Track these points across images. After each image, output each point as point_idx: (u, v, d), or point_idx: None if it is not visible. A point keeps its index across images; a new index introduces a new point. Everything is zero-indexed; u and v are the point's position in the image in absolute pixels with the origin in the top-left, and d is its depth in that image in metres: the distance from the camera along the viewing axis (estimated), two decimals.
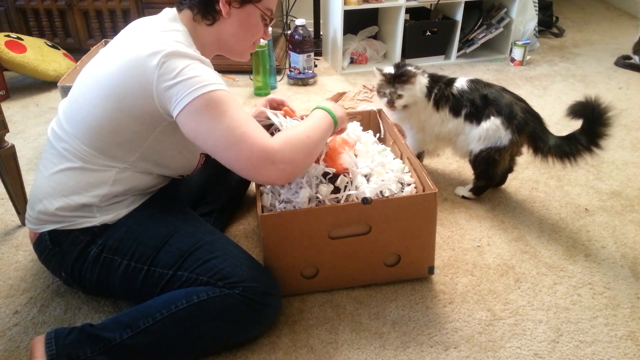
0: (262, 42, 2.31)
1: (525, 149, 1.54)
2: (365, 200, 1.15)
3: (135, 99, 1.01)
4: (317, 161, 1.24)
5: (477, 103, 1.50)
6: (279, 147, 1.01)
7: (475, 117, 1.51)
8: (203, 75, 0.99)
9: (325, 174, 1.23)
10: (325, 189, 1.20)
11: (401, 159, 1.40)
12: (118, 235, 1.11)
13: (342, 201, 1.21)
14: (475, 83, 1.55)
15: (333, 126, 1.16)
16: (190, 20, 1.11)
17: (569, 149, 1.42)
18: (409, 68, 1.57)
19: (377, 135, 1.54)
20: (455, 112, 1.55)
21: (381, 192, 1.24)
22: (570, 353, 1.11)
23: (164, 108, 1.01)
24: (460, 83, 1.56)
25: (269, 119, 1.33)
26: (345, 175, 1.23)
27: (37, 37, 2.61)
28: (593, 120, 1.38)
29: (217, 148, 1.00)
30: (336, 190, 1.22)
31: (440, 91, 1.57)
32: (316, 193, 1.20)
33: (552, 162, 1.47)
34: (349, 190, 1.22)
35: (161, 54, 0.98)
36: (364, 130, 1.52)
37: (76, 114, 1.08)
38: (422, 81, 1.57)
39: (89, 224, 1.10)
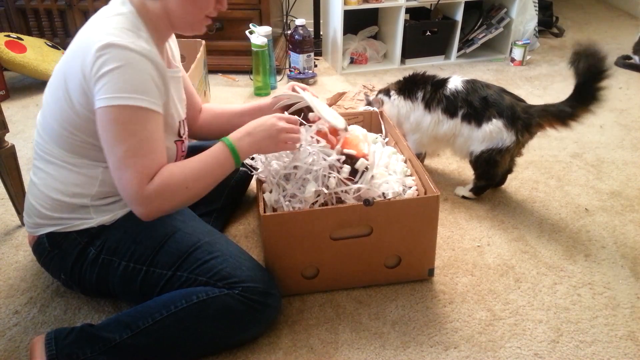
0: (259, 41, 2.31)
1: (528, 148, 1.52)
2: (367, 202, 1.15)
3: (80, 95, 0.98)
4: (333, 147, 1.22)
5: (476, 105, 1.50)
6: (151, 195, 0.98)
7: (475, 118, 1.50)
8: (128, 84, 0.94)
9: (343, 158, 1.21)
10: (334, 181, 1.19)
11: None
12: (116, 236, 1.10)
13: (357, 184, 1.20)
14: (471, 84, 1.54)
15: (231, 165, 1.10)
16: None
17: (587, 93, 1.36)
18: (378, 97, 1.70)
19: (385, 138, 1.54)
20: (451, 113, 1.54)
21: (383, 193, 1.24)
22: (570, 353, 1.11)
23: (95, 95, 0.97)
24: (454, 84, 1.55)
25: (289, 98, 1.31)
26: (365, 159, 1.22)
27: (37, 37, 2.61)
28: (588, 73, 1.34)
29: (110, 161, 0.99)
30: (353, 172, 1.21)
31: (428, 92, 1.57)
32: (324, 185, 1.19)
33: (585, 117, 1.40)
34: (367, 174, 1.21)
35: (97, 45, 0.93)
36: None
37: (45, 119, 1.07)
38: (394, 102, 1.65)
39: (87, 226, 1.10)
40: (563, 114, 1.42)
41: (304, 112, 1.32)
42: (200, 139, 1.45)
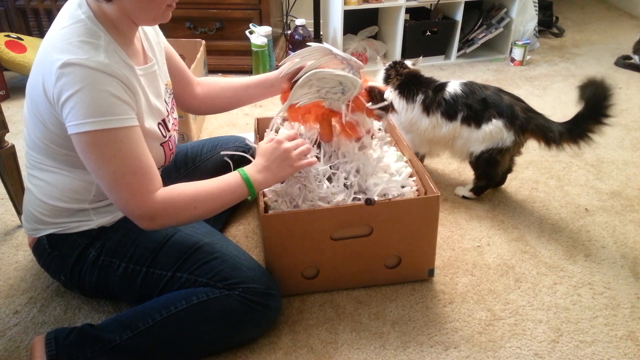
0: (259, 41, 2.30)
1: (528, 149, 1.53)
2: (369, 202, 1.15)
3: (50, 116, 0.96)
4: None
5: (475, 106, 1.49)
6: (157, 209, 0.97)
7: (474, 120, 1.50)
8: (93, 107, 0.90)
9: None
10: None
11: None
12: (116, 237, 1.10)
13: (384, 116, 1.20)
14: (469, 86, 1.53)
15: (245, 196, 1.08)
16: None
17: (580, 129, 1.41)
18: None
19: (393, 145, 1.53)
20: (450, 117, 1.54)
21: (385, 194, 1.23)
22: (570, 353, 1.11)
23: (64, 119, 0.94)
24: (453, 87, 1.54)
25: (292, 62, 1.25)
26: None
27: (37, 37, 2.61)
28: (595, 100, 1.37)
29: (101, 185, 0.97)
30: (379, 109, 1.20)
31: (429, 97, 1.57)
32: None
33: (569, 147, 1.45)
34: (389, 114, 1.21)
35: (54, 66, 0.89)
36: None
37: (29, 136, 1.06)
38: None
39: (87, 227, 1.10)
40: (549, 135, 1.45)
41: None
42: (203, 113, 1.38)
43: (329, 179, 1.25)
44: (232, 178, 1.07)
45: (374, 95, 1.18)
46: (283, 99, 1.31)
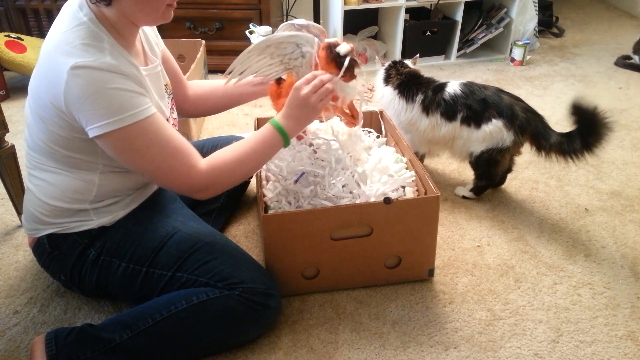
0: (259, 38, 2.30)
1: (527, 148, 1.54)
2: (388, 200, 1.15)
3: (58, 120, 0.96)
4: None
5: (475, 107, 1.49)
6: (206, 178, 1.02)
7: (474, 120, 1.50)
8: (112, 106, 0.91)
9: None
10: None
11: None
12: (116, 237, 1.10)
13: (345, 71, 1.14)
14: (469, 86, 1.53)
15: (281, 145, 1.11)
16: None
17: (568, 147, 1.42)
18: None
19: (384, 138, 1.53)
20: (449, 117, 1.54)
21: (384, 195, 1.24)
22: (570, 353, 1.11)
23: (79, 123, 0.94)
24: (453, 88, 1.54)
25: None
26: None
27: (37, 37, 2.61)
28: (587, 128, 1.39)
29: (146, 176, 1.01)
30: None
31: (429, 97, 1.56)
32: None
33: (555, 159, 1.47)
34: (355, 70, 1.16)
35: (63, 71, 0.89)
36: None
37: (31, 137, 1.06)
38: (386, 92, 1.66)
39: (87, 227, 1.09)
40: (541, 142, 1.47)
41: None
42: (195, 115, 1.40)
43: (343, 186, 1.26)
44: (266, 130, 1.10)
45: (331, 50, 1.15)
46: (272, 96, 1.29)
